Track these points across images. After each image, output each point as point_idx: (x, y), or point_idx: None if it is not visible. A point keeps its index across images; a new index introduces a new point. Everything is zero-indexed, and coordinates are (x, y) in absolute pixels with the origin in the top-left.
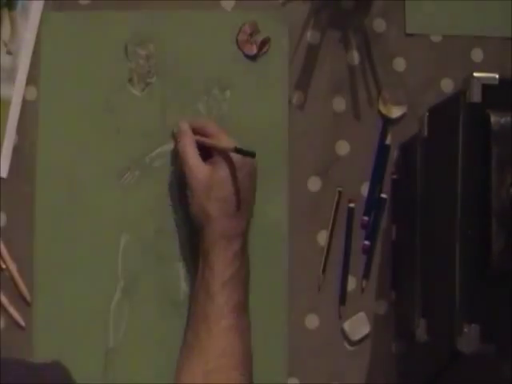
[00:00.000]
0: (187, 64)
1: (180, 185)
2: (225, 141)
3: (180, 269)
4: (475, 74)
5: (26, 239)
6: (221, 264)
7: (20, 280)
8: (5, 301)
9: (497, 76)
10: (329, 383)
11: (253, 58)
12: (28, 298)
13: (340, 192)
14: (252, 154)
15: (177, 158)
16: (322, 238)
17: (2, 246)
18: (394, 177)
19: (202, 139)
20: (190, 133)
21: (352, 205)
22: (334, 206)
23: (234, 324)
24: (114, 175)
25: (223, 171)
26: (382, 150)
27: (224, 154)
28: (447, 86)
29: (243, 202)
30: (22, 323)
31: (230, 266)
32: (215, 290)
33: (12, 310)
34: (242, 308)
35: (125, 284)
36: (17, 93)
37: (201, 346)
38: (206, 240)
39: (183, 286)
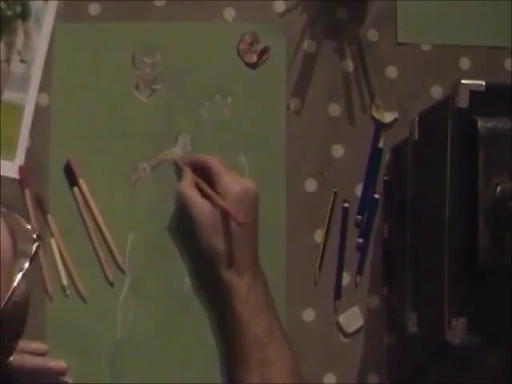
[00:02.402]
0: (191, 72)
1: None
2: (225, 181)
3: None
4: (463, 81)
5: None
6: (242, 295)
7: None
8: None
9: (483, 83)
10: (324, 373)
11: (253, 66)
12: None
13: (335, 192)
14: (240, 223)
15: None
16: (319, 236)
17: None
18: (386, 178)
19: (202, 186)
20: (189, 174)
21: (346, 205)
22: (330, 206)
23: (267, 355)
24: (122, 176)
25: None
26: (375, 153)
27: (223, 187)
28: (436, 92)
29: (250, 232)
30: None
31: (250, 294)
32: (244, 321)
33: None
34: (274, 335)
35: (132, 279)
36: (30, 99)
37: (238, 380)
38: (220, 275)
39: (187, 282)
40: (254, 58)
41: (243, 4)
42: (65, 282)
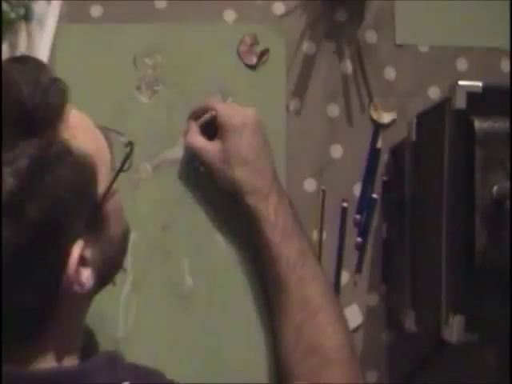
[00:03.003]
0: (192, 73)
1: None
2: (225, 117)
3: (185, 264)
4: (460, 82)
5: None
6: (271, 219)
7: None
8: None
9: (480, 84)
10: None
11: (253, 67)
12: None
13: (324, 191)
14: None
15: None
16: (318, 235)
17: None
18: (385, 178)
19: (200, 120)
20: (192, 125)
21: (345, 204)
22: (321, 204)
23: (304, 274)
24: (124, 176)
25: (231, 138)
26: (374, 153)
27: (224, 123)
28: (434, 93)
29: (261, 155)
30: None
31: (279, 217)
32: (276, 246)
33: None
34: (306, 256)
35: (134, 278)
36: None
37: (281, 303)
38: (246, 204)
39: (188, 280)
40: (254, 60)
41: (243, 6)
42: None
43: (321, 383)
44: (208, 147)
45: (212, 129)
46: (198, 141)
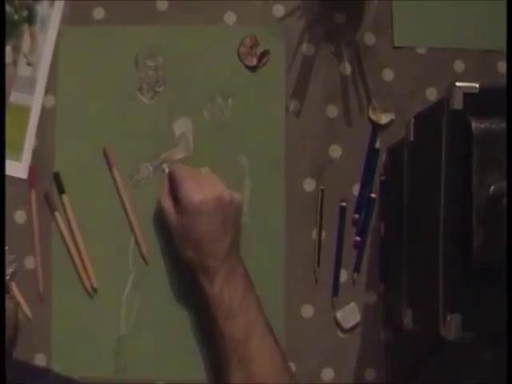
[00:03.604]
0: (193, 74)
1: None
2: (185, 191)
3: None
4: (457, 84)
5: (44, 236)
6: (216, 297)
7: (40, 273)
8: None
9: (477, 85)
10: (322, 367)
11: (253, 69)
12: (42, 290)
13: (323, 190)
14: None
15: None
16: (317, 234)
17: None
18: (383, 178)
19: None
20: (165, 186)
21: (344, 204)
22: (320, 203)
23: (248, 351)
24: (125, 176)
25: (186, 216)
26: (372, 154)
27: (184, 199)
28: (431, 94)
29: (214, 238)
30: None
31: (223, 296)
32: (220, 323)
33: (23, 302)
34: (253, 332)
35: (135, 277)
36: (36, 101)
37: (225, 379)
38: (194, 280)
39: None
40: (254, 61)
41: (243, 8)
42: (70, 278)
43: None
44: (171, 217)
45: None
46: (167, 206)
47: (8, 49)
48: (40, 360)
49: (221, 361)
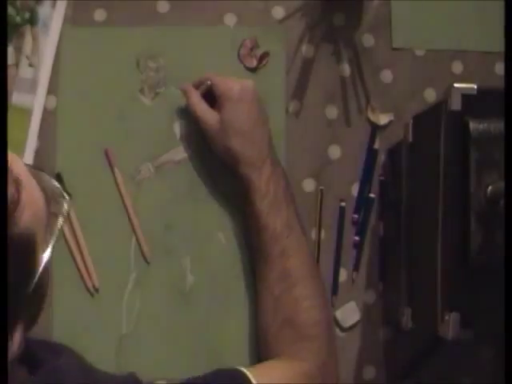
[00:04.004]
0: (193, 75)
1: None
2: (223, 85)
3: (187, 262)
4: (455, 85)
5: None
6: (262, 189)
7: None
8: None
9: (475, 86)
10: None
11: (253, 70)
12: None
13: (322, 190)
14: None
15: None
16: (316, 234)
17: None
18: (382, 178)
19: (201, 87)
20: (192, 90)
21: (343, 204)
22: (319, 203)
23: (287, 246)
24: (126, 177)
25: (228, 109)
26: (371, 154)
27: (224, 93)
28: (430, 95)
29: (257, 127)
30: None
31: (269, 188)
32: (264, 215)
33: None
34: (293, 227)
35: (136, 276)
36: (38, 102)
37: (262, 273)
38: (239, 174)
39: (190, 278)
40: (254, 63)
41: (244, 10)
42: (72, 277)
43: (293, 357)
44: (207, 116)
45: (210, 99)
46: (200, 108)
47: (10, 50)
48: None
49: (261, 254)
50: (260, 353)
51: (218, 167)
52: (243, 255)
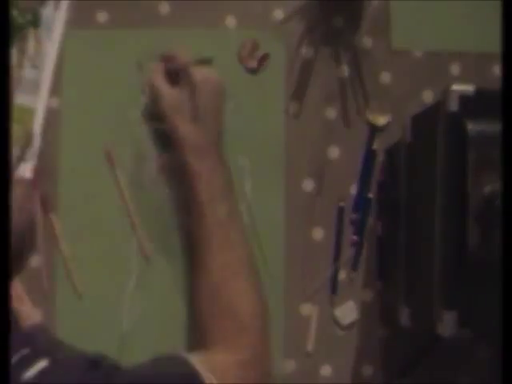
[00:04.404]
0: None
1: None
2: (188, 71)
3: (188, 262)
4: (453, 86)
5: (48, 235)
6: (204, 177)
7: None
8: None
9: (472, 88)
10: (321, 364)
11: (253, 71)
12: (46, 288)
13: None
14: (208, 61)
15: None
16: (315, 233)
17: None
18: (380, 178)
19: (168, 65)
20: (157, 66)
21: (342, 203)
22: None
23: (228, 237)
24: (128, 177)
25: (189, 91)
26: (369, 155)
27: (187, 75)
28: (428, 96)
29: (211, 116)
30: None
31: (213, 178)
32: (206, 204)
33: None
34: (234, 219)
35: (138, 276)
36: (41, 102)
37: (202, 263)
38: (183, 160)
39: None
40: (255, 64)
41: (244, 12)
42: (72, 276)
43: (232, 346)
44: (165, 92)
45: (174, 77)
46: (159, 83)
47: (14, 52)
48: None
49: (202, 241)
50: (191, 338)
51: None
52: None
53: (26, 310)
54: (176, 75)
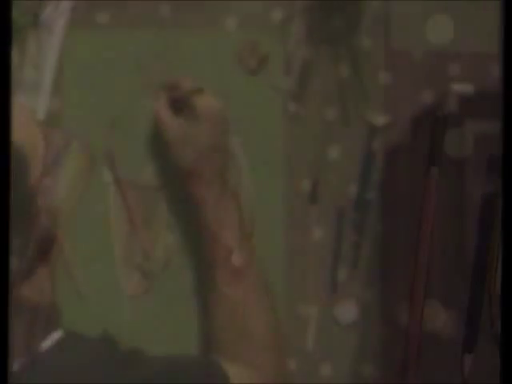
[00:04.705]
0: (193, 77)
1: None
2: (193, 101)
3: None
4: (453, 86)
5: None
6: (210, 208)
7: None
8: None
9: (472, 88)
10: (321, 363)
11: (253, 72)
12: None
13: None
14: (199, 91)
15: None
16: (316, 233)
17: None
18: (380, 178)
19: (173, 93)
20: (162, 95)
21: (342, 204)
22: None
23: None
24: (128, 177)
25: (193, 122)
26: (369, 155)
27: (192, 105)
28: (428, 97)
29: (214, 148)
30: None
31: (219, 208)
32: (215, 231)
33: None
34: (246, 246)
35: (137, 275)
36: (42, 103)
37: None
38: (188, 190)
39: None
40: (254, 65)
41: (244, 13)
42: (74, 277)
43: (251, 364)
44: (170, 123)
45: (180, 106)
46: (164, 114)
47: (14, 52)
48: None
49: (207, 267)
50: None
51: None
52: None
53: None
54: (180, 104)
